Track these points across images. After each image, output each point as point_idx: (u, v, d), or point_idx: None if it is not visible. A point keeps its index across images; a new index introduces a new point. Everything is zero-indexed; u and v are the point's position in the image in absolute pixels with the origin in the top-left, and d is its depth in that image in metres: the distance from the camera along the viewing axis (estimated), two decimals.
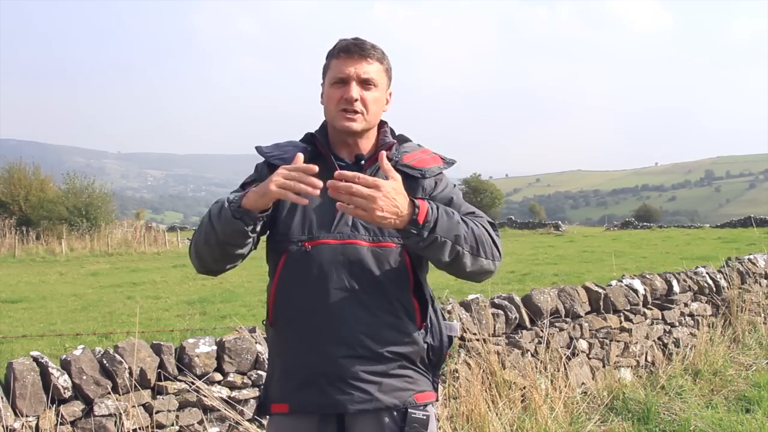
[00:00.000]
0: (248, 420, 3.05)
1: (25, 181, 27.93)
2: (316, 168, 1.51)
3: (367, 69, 1.73)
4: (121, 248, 22.45)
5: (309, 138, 1.83)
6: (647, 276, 5.31)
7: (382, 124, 1.85)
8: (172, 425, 2.96)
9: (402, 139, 1.86)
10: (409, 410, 1.69)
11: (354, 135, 1.77)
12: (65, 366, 2.79)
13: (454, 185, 1.87)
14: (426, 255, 1.66)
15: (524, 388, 3.82)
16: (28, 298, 10.04)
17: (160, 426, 2.92)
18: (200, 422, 3.00)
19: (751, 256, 6.76)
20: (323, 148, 1.79)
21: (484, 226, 1.72)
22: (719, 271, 6.08)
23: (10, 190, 27.33)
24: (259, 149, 1.83)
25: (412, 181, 1.76)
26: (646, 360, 4.96)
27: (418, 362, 1.76)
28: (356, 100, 1.71)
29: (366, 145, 1.81)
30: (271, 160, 1.77)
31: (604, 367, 4.57)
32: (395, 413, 1.70)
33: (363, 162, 1.79)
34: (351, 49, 1.73)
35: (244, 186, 1.78)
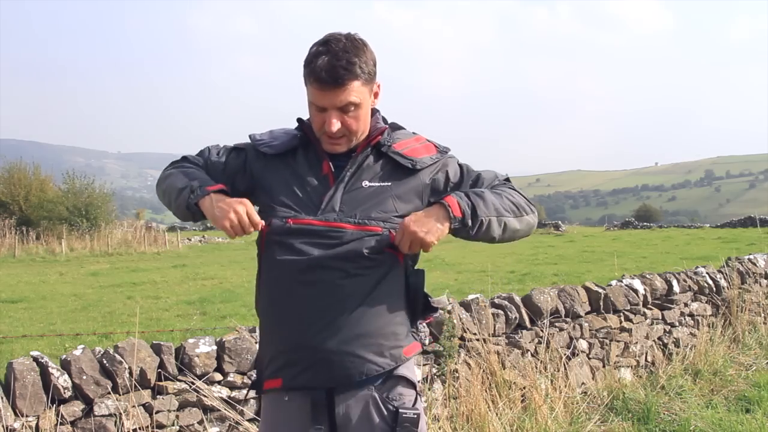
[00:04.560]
0: (248, 420, 3.05)
1: (25, 181, 27.91)
2: (261, 224, 1.66)
3: (343, 97, 1.62)
4: (121, 248, 22.43)
5: (301, 124, 1.81)
6: (647, 276, 5.31)
7: (373, 112, 1.78)
8: (172, 425, 2.96)
9: (395, 127, 1.83)
10: (400, 410, 1.69)
11: None
12: (65, 366, 2.79)
13: (459, 164, 1.85)
14: (480, 239, 1.72)
15: (524, 388, 3.82)
16: (28, 298, 10.03)
17: (160, 426, 2.92)
18: (200, 422, 3.00)
19: (751, 256, 6.76)
20: (313, 137, 1.76)
21: (510, 189, 1.80)
22: (719, 271, 6.08)
23: (10, 190, 27.32)
24: (251, 137, 1.84)
25: (403, 172, 1.74)
26: (646, 360, 4.96)
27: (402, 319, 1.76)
28: (337, 130, 1.66)
29: None
30: (259, 147, 1.79)
31: (604, 367, 4.57)
32: (386, 413, 1.69)
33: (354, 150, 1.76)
34: (324, 80, 1.60)
35: (232, 150, 1.85)
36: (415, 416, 1.70)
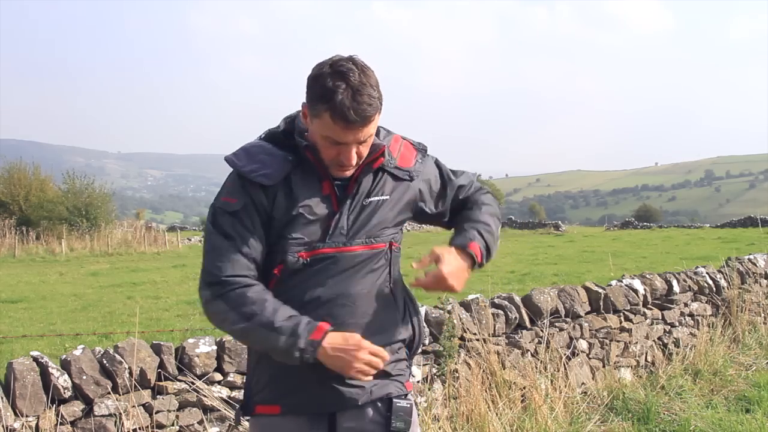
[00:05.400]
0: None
1: (25, 181, 27.90)
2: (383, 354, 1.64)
3: (366, 131, 1.60)
4: (121, 248, 22.43)
5: (289, 143, 1.69)
6: (647, 276, 5.31)
7: None
8: (172, 425, 2.96)
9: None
10: (394, 400, 1.72)
11: None
12: (65, 366, 2.79)
13: (437, 166, 1.89)
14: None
15: (524, 388, 3.82)
16: (28, 298, 10.04)
17: (160, 426, 2.92)
18: (200, 422, 3.00)
19: (751, 256, 6.75)
20: (317, 161, 1.67)
21: (487, 195, 1.92)
22: (719, 271, 6.08)
23: (10, 190, 27.31)
24: (231, 162, 1.67)
25: (400, 182, 1.77)
26: (646, 360, 4.96)
27: (406, 351, 1.81)
28: (354, 160, 1.64)
29: None
30: (254, 178, 1.64)
31: (604, 367, 4.57)
32: (379, 404, 1.72)
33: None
34: (351, 119, 1.54)
35: (236, 213, 1.64)
36: (408, 406, 1.72)
